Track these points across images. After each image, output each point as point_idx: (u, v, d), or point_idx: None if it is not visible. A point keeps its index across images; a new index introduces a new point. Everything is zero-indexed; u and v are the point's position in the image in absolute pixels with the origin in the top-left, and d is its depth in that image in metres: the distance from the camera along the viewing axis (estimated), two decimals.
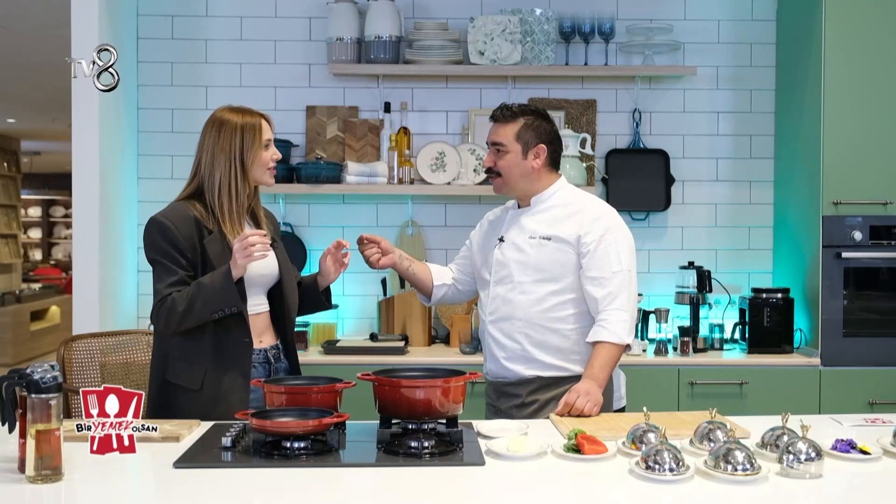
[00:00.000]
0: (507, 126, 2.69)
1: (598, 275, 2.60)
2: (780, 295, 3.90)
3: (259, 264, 2.54)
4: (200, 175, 2.56)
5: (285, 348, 2.66)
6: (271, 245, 2.64)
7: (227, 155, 2.53)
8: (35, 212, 14.99)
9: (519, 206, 2.78)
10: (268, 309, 2.64)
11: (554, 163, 2.74)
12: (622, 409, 2.74)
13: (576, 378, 2.60)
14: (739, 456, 1.88)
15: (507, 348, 2.68)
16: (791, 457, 1.92)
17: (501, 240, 2.74)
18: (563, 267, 2.64)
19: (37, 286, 11.24)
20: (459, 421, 2.22)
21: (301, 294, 2.73)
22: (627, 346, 2.61)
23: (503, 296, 2.69)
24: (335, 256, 2.71)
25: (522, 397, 2.66)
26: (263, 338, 2.61)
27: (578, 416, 2.42)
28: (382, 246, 2.83)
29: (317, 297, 2.76)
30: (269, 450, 2.03)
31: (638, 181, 4.21)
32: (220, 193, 2.53)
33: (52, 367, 1.89)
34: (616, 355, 2.59)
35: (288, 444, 2.03)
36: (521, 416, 2.62)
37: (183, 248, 2.47)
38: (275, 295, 2.64)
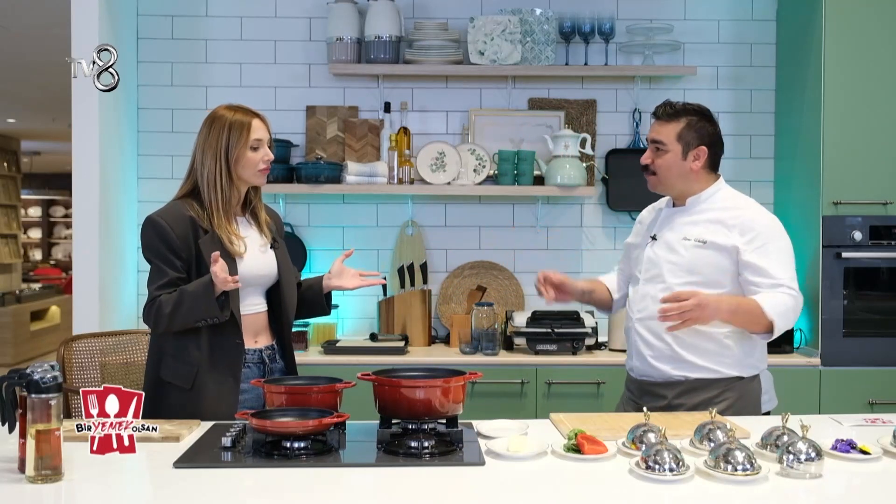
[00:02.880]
0: (669, 125, 2.65)
1: (764, 281, 2.53)
2: None
3: (258, 265, 2.55)
4: (195, 171, 2.57)
5: (282, 349, 2.66)
6: (272, 246, 2.64)
7: (214, 151, 2.53)
8: (35, 212, 14.99)
9: (674, 205, 2.74)
10: (265, 309, 2.64)
11: (714, 165, 2.69)
12: (768, 413, 2.70)
13: (725, 381, 2.59)
14: (739, 456, 1.88)
15: (655, 347, 2.64)
16: (791, 457, 1.92)
17: (654, 238, 2.70)
18: (721, 272, 2.58)
19: (37, 286, 11.24)
20: (459, 421, 2.22)
21: (300, 296, 2.73)
22: (772, 326, 2.51)
23: (653, 295, 2.62)
24: (358, 276, 2.73)
25: (668, 399, 2.62)
26: (259, 338, 2.61)
27: (677, 317, 2.43)
28: (555, 282, 2.77)
29: (317, 300, 2.75)
30: (269, 450, 2.03)
31: (638, 181, 4.12)
32: (209, 189, 2.53)
33: (52, 367, 1.89)
34: (754, 318, 2.50)
35: (288, 444, 2.03)
36: None
37: (177, 249, 2.48)
38: (273, 295, 2.64)
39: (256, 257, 2.57)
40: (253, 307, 2.59)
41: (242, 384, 2.53)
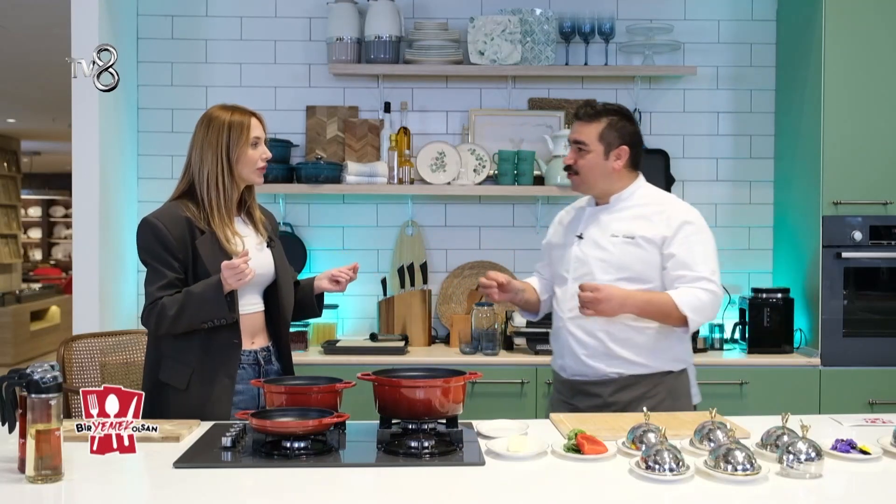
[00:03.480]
0: (590, 125, 2.67)
1: (685, 273, 2.57)
2: (780, 295, 3.90)
3: (255, 263, 2.54)
4: (191, 171, 2.58)
5: (278, 350, 2.65)
6: (268, 245, 2.64)
7: (214, 151, 2.54)
8: (35, 212, 14.99)
9: (597, 204, 2.76)
10: (262, 309, 2.63)
11: (635, 164, 2.72)
12: (695, 407, 2.71)
13: (658, 375, 2.61)
14: (739, 456, 1.88)
15: (588, 345, 2.64)
16: (791, 457, 1.92)
17: (580, 237, 2.71)
18: (649, 266, 2.61)
19: (37, 286, 11.24)
20: (459, 421, 2.22)
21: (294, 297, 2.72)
22: (685, 322, 2.55)
23: None
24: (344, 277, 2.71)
25: (603, 398, 2.62)
26: (256, 339, 2.60)
27: (587, 307, 2.49)
28: (501, 281, 2.76)
29: (307, 300, 2.74)
30: (269, 450, 2.03)
31: None
32: (208, 189, 2.54)
33: (52, 367, 1.89)
34: (666, 311, 2.54)
35: (288, 444, 2.03)
36: None
37: (174, 250, 2.48)
38: (270, 295, 2.64)
39: (254, 256, 2.56)
40: (250, 307, 2.58)
41: (238, 385, 2.52)
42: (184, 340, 2.49)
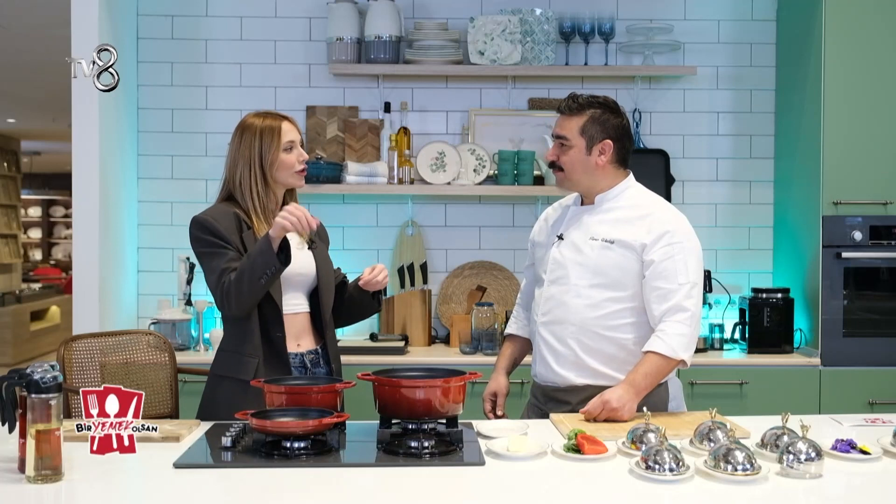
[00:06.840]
0: (572, 119, 2.54)
1: (662, 285, 2.45)
2: (780, 295, 3.90)
3: (295, 263, 2.52)
4: (228, 181, 2.60)
5: (326, 353, 2.64)
6: (309, 247, 2.64)
7: (247, 159, 2.56)
8: (35, 212, 14.98)
9: (582, 203, 2.64)
10: (307, 310, 2.62)
11: (622, 160, 2.58)
12: None
13: None
14: (739, 456, 1.88)
15: (559, 353, 2.56)
16: (791, 457, 1.92)
17: (560, 237, 2.60)
18: (626, 273, 2.49)
19: (37, 286, 11.24)
20: (459, 421, 2.22)
21: (349, 297, 2.70)
22: (683, 363, 2.46)
23: (557, 297, 2.56)
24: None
25: (572, 405, 2.54)
26: (302, 341, 2.59)
27: (606, 420, 2.36)
28: (499, 402, 2.77)
29: (364, 297, 2.68)
30: (269, 450, 2.04)
31: (638, 181, 4.20)
32: (244, 197, 2.56)
33: (52, 367, 1.89)
34: (665, 369, 2.44)
35: (288, 444, 2.03)
36: None
37: (227, 238, 2.48)
38: (315, 298, 2.64)
39: (294, 255, 2.54)
40: (293, 307, 2.58)
41: None
42: (241, 335, 2.51)
